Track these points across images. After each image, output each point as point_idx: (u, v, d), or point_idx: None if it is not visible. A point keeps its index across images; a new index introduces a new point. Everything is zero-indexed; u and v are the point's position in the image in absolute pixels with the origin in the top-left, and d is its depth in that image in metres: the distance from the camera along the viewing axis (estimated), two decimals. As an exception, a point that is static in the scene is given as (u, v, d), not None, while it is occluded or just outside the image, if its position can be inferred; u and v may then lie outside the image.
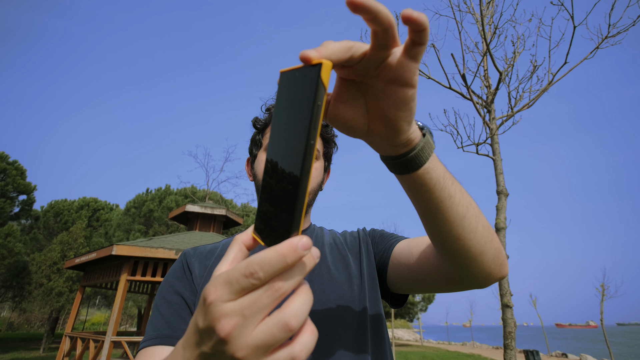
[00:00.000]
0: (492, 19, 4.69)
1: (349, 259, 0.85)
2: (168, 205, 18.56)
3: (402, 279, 0.76)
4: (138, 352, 0.66)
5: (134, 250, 6.30)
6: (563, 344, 39.75)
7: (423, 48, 0.35)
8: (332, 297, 0.75)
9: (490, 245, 0.55)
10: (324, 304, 0.74)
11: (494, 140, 4.30)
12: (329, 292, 0.76)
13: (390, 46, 0.36)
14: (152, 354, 0.63)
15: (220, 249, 0.85)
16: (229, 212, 9.70)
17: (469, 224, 0.52)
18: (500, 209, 3.95)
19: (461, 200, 0.51)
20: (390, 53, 0.36)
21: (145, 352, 0.64)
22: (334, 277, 0.79)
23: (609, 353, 14.41)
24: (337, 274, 0.80)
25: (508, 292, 3.67)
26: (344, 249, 0.88)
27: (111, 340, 6.03)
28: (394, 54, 0.36)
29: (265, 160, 0.33)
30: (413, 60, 0.36)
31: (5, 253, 14.62)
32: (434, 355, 14.94)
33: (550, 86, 4.33)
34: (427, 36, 0.34)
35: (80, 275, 15.73)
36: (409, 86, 0.38)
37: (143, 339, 0.67)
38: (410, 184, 0.49)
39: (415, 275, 0.71)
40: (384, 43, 0.35)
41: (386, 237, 0.87)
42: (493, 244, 0.56)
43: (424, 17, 0.33)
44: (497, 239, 0.57)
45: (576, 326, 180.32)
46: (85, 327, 31.53)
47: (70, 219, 20.82)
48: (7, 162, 16.67)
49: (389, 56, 0.36)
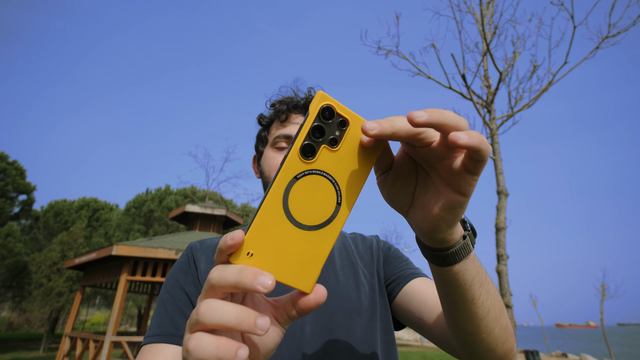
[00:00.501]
0: (492, 19, 4.69)
1: (359, 266, 0.83)
2: (168, 205, 18.57)
3: (406, 318, 0.75)
4: (142, 348, 0.65)
5: (134, 250, 6.30)
6: (563, 344, 39.75)
7: (483, 164, 0.33)
8: (337, 303, 0.73)
9: (503, 345, 0.52)
10: (328, 309, 0.72)
11: (494, 140, 4.30)
12: (335, 298, 0.74)
13: (455, 150, 0.34)
14: (157, 351, 0.63)
15: None
16: (228, 212, 9.70)
17: (485, 326, 0.50)
18: (500, 209, 3.95)
19: (484, 303, 0.48)
20: (455, 156, 0.35)
21: (149, 349, 0.64)
22: (341, 283, 0.77)
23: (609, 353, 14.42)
24: (344, 279, 0.78)
25: (508, 292, 3.68)
26: (354, 256, 0.85)
27: (111, 340, 6.03)
28: (457, 158, 0.35)
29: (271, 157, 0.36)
30: (471, 173, 0.34)
31: (5, 253, 14.63)
32: (434, 355, 14.95)
33: (550, 86, 4.33)
34: (485, 155, 0.32)
35: (80, 275, 15.73)
36: (462, 194, 0.36)
37: (147, 334, 0.67)
38: (434, 272, 0.48)
39: (420, 324, 0.70)
40: (450, 146, 0.34)
41: (402, 262, 0.84)
42: (507, 343, 0.53)
43: (474, 138, 0.31)
44: (512, 337, 0.54)
45: (576, 326, 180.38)
46: (85, 327, 31.52)
47: (70, 219, 20.82)
48: (7, 162, 16.67)
49: (453, 158, 0.35)
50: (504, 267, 3.74)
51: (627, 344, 40.63)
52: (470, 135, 0.30)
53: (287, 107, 0.85)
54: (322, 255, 0.33)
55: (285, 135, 0.82)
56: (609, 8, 3.99)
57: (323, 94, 0.32)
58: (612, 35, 4.09)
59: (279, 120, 0.85)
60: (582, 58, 4.28)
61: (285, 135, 0.82)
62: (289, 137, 0.82)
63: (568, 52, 4.06)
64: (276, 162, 0.81)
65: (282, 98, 0.88)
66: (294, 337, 0.67)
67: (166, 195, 19.67)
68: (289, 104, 0.85)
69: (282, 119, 0.84)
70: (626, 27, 4.01)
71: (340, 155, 0.33)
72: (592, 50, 4.20)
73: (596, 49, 4.17)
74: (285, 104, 0.85)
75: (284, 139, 0.83)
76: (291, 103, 0.85)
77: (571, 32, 4.04)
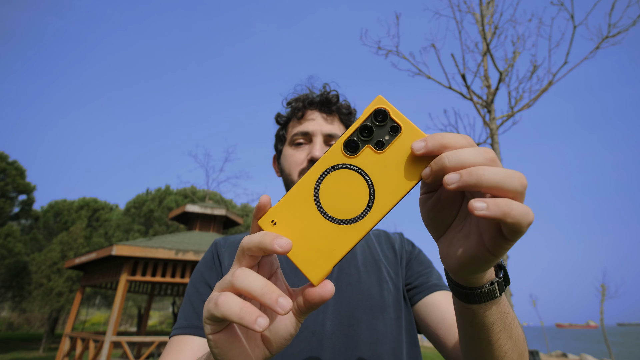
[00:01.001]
0: (492, 19, 4.69)
1: (382, 264, 0.81)
2: (168, 205, 18.58)
3: (422, 328, 0.74)
4: (170, 339, 0.68)
5: (134, 250, 6.30)
6: (563, 344, 39.75)
7: (520, 234, 0.30)
8: (359, 299, 0.72)
9: None
10: (350, 304, 0.71)
11: (494, 140, 4.30)
12: (356, 293, 0.73)
13: None
14: (184, 343, 0.66)
15: None
16: (228, 212, 9.70)
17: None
18: (500, 209, 3.95)
19: (502, 346, 0.45)
20: None
21: (177, 340, 0.67)
22: (363, 279, 0.76)
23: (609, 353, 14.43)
24: (366, 275, 0.77)
25: (508, 292, 3.67)
26: (377, 253, 0.84)
27: (111, 340, 6.03)
28: None
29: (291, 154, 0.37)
30: (505, 238, 0.31)
31: (5, 253, 14.63)
32: (434, 355, 14.94)
33: (550, 86, 4.33)
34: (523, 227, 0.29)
35: (80, 275, 15.73)
36: (489, 252, 0.33)
37: (174, 326, 0.70)
38: (454, 301, 0.45)
39: (435, 339, 0.69)
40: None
41: (425, 268, 0.81)
42: None
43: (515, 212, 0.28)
44: None
45: (576, 326, 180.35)
46: (85, 327, 31.53)
47: (70, 219, 20.81)
48: (7, 162, 16.68)
49: None
50: (504, 267, 3.75)
51: (627, 344, 40.64)
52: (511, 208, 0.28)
53: (303, 104, 0.85)
54: (339, 251, 0.33)
55: (303, 132, 0.83)
56: (609, 8, 4.00)
57: (381, 98, 0.33)
58: (612, 35, 4.09)
59: (296, 118, 0.86)
60: (582, 58, 4.28)
61: (303, 132, 0.83)
62: (306, 133, 0.82)
63: (568, 52, 4.06)
64: (295, 158, 0.82)
65: (297, 96, 0.89)
66: (314, 332, 0.67)
67: (166, 195, 19.67)
68: (305, 101, 0.86)
69: (299, 116, 0.85)
70: (626, 27, 4.02)
71: (384, 160, 0.33)
72: (592, 50, 4.21)
73: (596, 49, 4.18)
74: (301, 101, 0.86)
75: (301, 135, 0.83)
76: (307, 100, 0.86)
77: (571, 32, 4.04)
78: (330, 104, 0.85)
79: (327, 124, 0.84)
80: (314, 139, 0.82)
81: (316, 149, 0.79)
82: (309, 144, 0.83)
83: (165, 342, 7.88)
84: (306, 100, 0.85)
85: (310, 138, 0.82)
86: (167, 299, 28.99)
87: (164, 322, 45.02)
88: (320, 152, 0.78)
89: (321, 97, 0.86)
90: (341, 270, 0.77)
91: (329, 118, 0.85)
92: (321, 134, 0.82)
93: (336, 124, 0.86)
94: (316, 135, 0.82)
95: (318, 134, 0.82)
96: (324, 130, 0.82)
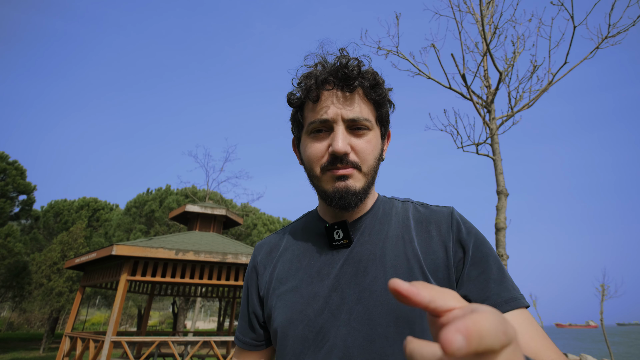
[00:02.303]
0: (492, 19, 4.69)
1: (416, 263, 0.68)
2: (169, 205, 18.58)
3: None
4: (235, 347, 0.84)
5: (134, 250, 6.30)
6: (563, 344, 39.73)
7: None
8: (383, 311, 0.64)
9: None
10: (370, 319, 0.64)
11: (494, 140, 4.30)
12: (379, 306, 0.64)
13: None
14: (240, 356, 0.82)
15: (284, 242, 0.84)
16: (229, 212, 9.70)
17: None
18: (500, 209, 3.95)
19: None
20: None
21: (237, 352, 0.83)
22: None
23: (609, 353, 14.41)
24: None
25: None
26: (414, 249, 0.70)
27: (111, 340, 6.03)
28: None
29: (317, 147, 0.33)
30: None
31: (5, 253, 14.62)
32: None
33: (550, 86, 4.33)
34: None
35: (80, 275, 15.73)
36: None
37: (236, 333, 0.84)
38: None
39: None
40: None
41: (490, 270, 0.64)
42: None
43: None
44: None
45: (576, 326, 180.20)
46: (85, 327, 31.53)
47: (70, 219, 20.81)
48: (7, 162, 16.67)
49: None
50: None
51: (627, 344, 40.62)
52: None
53: (317, 83, 0.70)
54: None
55: (321, 121, 0.70)
56: (609, 8, 3.99)
57: None
58: (612, 35, 4.09)
59: (310, 100, 0.71)
60: (582, 58, 4.28)
61: (321, 121, 0.70)
62: (325, 121, 0.69)
63: (568, 52, 4.06)
64: (315, 152, 0.71)
65: (309, 71, 0.74)
66: (335, 345, 0.64)
67: (167, 195, 19.67)
68: (318, 78, 0.70)
69: (314, 98, 0.71)
70: (626, 27, 4.01)
71: None
72: (592, 50, 4.20)
73: (596, 49, 4.17)
74: (314, 79, 0.71)
75: (319, 124, 0.70)
76: (320, 77, 0.70)
77: (571, 32, 4.04)
78: (350, 79, 0.69)
79: (348, 107, 0.69)
80: (335, 126, 0.69)
81: (338, 140, 0.67)
82: (329, 132, 0.71)
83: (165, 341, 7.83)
84: (320, 78, 0.70)
85: (330, 125, 0.70)
86: (167, 299, 28.99)
87: (164, 322, 45.02)
88: (342, 144, 0.67)
89: (337, 71, 0.69)
90: (365, 273, 0.68)
91: (349, 97, 0.70)
92: (342, 120, 0.69)
93: (358, 104, 0.71)
94: (337, 122, 0.69)
95: (339, 121, 0.69)
96: (345, 115, 0.69)
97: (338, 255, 0.73)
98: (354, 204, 0.70)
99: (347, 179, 0.69)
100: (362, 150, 0.70)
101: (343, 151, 0.67)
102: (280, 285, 0.75)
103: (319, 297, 0.69)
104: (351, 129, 0.70)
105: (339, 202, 0.69)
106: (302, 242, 0.80)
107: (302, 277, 0.73)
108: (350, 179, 0.69)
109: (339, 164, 0.68)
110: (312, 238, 0.79)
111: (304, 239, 0.81)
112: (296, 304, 0.70)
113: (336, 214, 0.77)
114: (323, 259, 0.74)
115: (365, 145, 0.70)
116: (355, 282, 0.68)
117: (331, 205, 0.71)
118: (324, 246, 0.76)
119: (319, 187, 0.74)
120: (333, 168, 0.69)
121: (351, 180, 0.69)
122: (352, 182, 0.69)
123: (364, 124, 0.70)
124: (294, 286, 0.73)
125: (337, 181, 0.69)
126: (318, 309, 0.68)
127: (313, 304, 0.68)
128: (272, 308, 0.73)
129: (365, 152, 0.70)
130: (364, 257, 0.70)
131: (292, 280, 0.74)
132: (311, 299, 0.69)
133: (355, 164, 0.69)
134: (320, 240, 0.77)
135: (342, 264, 0.71)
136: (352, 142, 0.70)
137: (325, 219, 0.80)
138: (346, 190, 0.69)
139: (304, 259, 0.76)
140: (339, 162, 0.68)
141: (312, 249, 0.77)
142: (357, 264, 0.70)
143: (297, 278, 0.74)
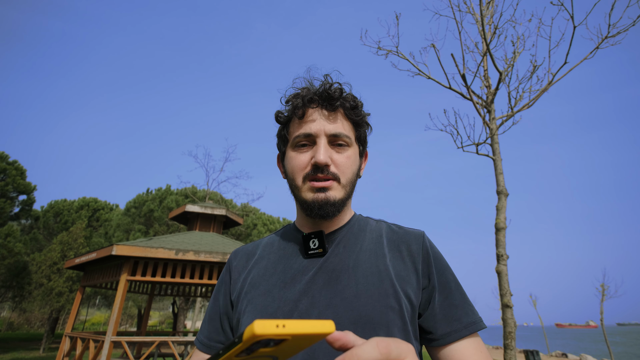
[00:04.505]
0: (492, 19, 4.69)
1: (387, 274, 0.73)
2: (169, 205, 18.56)
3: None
4: (194, 349, 0.83)
5: (134, 250, 6.30)
6: (563, 344, 39.72)
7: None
8: (353, 316, 0.70)
9: None
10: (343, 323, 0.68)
11: (494, 140, 4.30)
12: (350, 310, 0.68)
13: None
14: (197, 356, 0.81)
15: (260, 251, 0.88)
16: (229, 212, 9.70)
17: None
18: (500, 209, 3.95)
19: None
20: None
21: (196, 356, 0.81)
22: (361, 292, 0.70)
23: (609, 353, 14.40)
24: (364, 288, 0.71)
25: (508, 292, 3.67)
26: (384, 261, 0.75)
27: (111, 340, 6.03)
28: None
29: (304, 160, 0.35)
30: None
31: (5, 253, 14.62)
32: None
33: (550, 86, 4.33)
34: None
35: (80, 275, 15.73)
36: None
37: (198, 334, 0.84)
38: None
39: None
40: None
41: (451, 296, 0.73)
42: None
43: None
44: None
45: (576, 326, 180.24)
46: (85, 327, 31.53)
47: (70, 219, 20.81)
48: (7, 162, 16.66)
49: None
50: (503, 267, 3.75)
51: (627, 344, 40.60)
52: None
53: (303, 102, 0.79)
54: None
55: (305, 134, 0.77)
56: (609, 8, 4.00)
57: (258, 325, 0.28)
58: (612, 36, 4.09)
59: (296, 117, 0.79)
60: (582, 58, 4.28)
61: (305, 134, 0.77)
62: (309, 135, 0.77)
63: (568, 52, 4.05)
64: (298, 162, 0.77)
65: (296, 92, 0.82)
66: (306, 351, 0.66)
67: (167, 195, 19.66)
68: (304, 98, 0.79)
69: (299, 115, 0.78)
70: (626, 27, 4.01)
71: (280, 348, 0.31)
72: (592, 50, 4.20)
73: (596, 49, 4.17)
74: (301, 98, 0.79)
75: (304, 138, 0.77)
76: (307, 96, 0.79)
77: (571, 32, 4.04)
78: (333, 99, 0.78)
79: (330, 123, 0.77)
80: (318, 140, 0.76)
81: (320, 152, 0.74)
82: (312, 146, 0.77)
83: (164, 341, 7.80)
84: (306, 97, 0.78)
85: (313, 140, 0.77)
86: (167, 299, 28.98)
87: (164, 322, 45.00)
88: (324, 156, 0.74)
89: (322, 92, 0.78)
90: (337, 281, 0.71)
91: (332, 115, 0.78)
92: (325, 134, 0.76)
93: (340, 121, 0.79)
94: (319, 136, 0.76)
95: (322, 135, 0.76)
96: (327, 131, 0.76)
97: (312, 264, 0.76)
98: (332, 213, 0.75)
99: (326, 190, 0.75)
100: (342, 164, 0.77)
101: (324, 162, 0.73)
102: (252, 289, 0.77)
103: (289, 301, 0.71)
104: (333, 144, 0.78)
105: (318, 211, 0.75)
106: (278, 250, 0.84)
107: (275, 282, 0.76)
108: (330, 190, 0.75)
109: (319, 174, 0.74)
110: (289, 247, 0.83)
111: (280, 248, 0.84)
112: (267, 308, 0.72)
113: (314, 225, 0.81)
114: (297, 266, 0.77)
115: (345, 160, 0.77)
116: (326, 289, 0.71)
117: (311, 215, 0.77)
118: (300, 254, 0.79)
119: (299, 197, 0.78)
120: (314, 178, 0.75)
121: (331, 192, 0.75)
122: (332, 193, 0.75)
123: (345, 140, 0.78)
124: (266, 290, 0.75)
125: (317, 192, 0.75)
126: (287, 311, 0.70)
127: (283, 307, 0.71)
128: (242, 312, 0.75)
129: (344, 165, 0.77)
130: (338, 266, 0.74)
131: (264, 284, 0.76)
132: (282, 302, 0.72)
133: (335, 175, 0.75)
134: (296, 249, 0.81)
135: (315, 272, 0.74)
136: (333, 156, 0.77)
137: (303, 230, 0.84)
138: (325, 201, 0.74)
139: (279, 265, 0.79)
140: (320, 172, 0.74)
141: (288, 257, 0.80)
142: (330, 272, 0.73)
143: (270, 283, 0.76)
